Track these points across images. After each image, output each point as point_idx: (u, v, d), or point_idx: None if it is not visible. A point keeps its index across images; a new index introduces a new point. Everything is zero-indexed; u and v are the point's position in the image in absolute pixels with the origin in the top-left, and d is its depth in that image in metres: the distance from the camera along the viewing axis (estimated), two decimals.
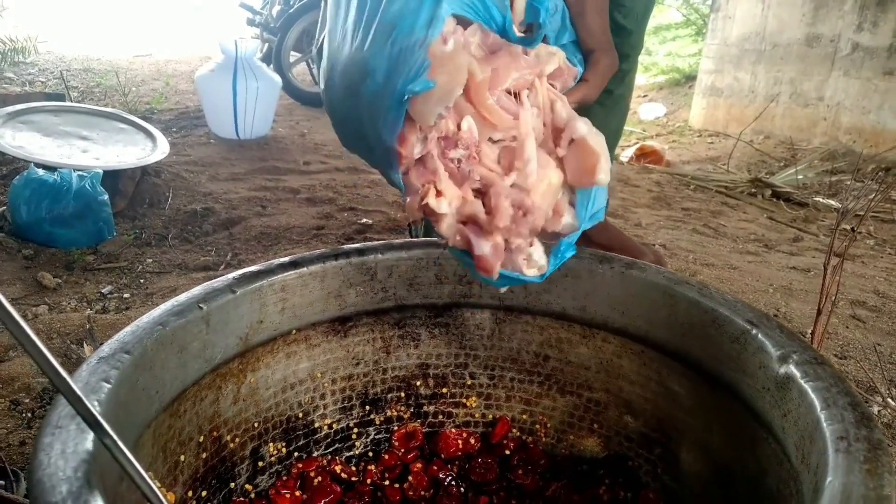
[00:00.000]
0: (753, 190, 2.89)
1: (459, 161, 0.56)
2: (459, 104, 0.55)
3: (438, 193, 0.56)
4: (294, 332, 0.72)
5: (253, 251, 1.72)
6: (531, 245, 0.60)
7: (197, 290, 0.63)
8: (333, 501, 0.71)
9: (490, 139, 0.58)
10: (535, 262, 0.60)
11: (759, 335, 0.58)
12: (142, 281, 1.52)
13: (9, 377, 1.08)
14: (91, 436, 0.44)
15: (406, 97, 0.52)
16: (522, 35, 0.56)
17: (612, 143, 1.51)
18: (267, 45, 3.94)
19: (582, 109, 1.46)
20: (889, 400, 1.13)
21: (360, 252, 0.74)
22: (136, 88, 3.88)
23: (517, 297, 0.78)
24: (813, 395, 0.49)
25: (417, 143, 0.55)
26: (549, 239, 0.61)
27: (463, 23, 0.55)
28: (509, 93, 0.57)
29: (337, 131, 0.65)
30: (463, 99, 0.55)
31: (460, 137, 0.55)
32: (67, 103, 2.40)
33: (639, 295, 0.70)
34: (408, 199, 0.57)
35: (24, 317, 1.29)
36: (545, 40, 0.59)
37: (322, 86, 0.64)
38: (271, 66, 3.47)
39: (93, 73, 4.31)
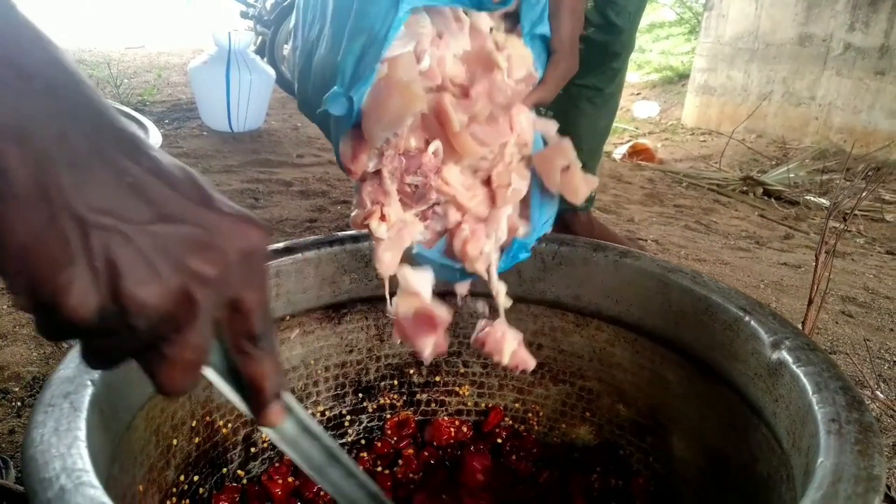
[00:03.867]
0: (745, 188, 2.90)
1: (416, 186, 0.56)
2: (431, 124, 0.54)
3: (383, 217, 0.55)
4: (288, 318, 0.71)
5: None
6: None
7: None
8: None
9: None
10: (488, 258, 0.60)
11: (752, 322, 0.58)
12: None
13: None
14: (84, 414, 0.44)
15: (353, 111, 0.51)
16: (497, 2, 0.55)
17: (601, 141, 1.52)
18: (260, 37, 3.92)
19: (571, 107, 1.46)
20: (878, 393, 1.14)
21: (355, 239, 0.74)
22: (128, 80, 3.85)
23: (511, 286, 0.77)
24: (805, 380, 0.50)
25: (373, 157, 0.55)
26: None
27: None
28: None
29: (305, 112, 0.65)
30: (435, 122, 0.54)
31: (423, 164, 0.54)
32: None
33: (633, 283, 0.71)
34: (353, 213, 0.57)
35: (13, 305, 1.28)
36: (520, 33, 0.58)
37: (296, 71, 0.63)
38: (265, 58, 3.45)
39: (84, 65, 4.27)
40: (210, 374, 0.36)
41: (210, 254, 0.30)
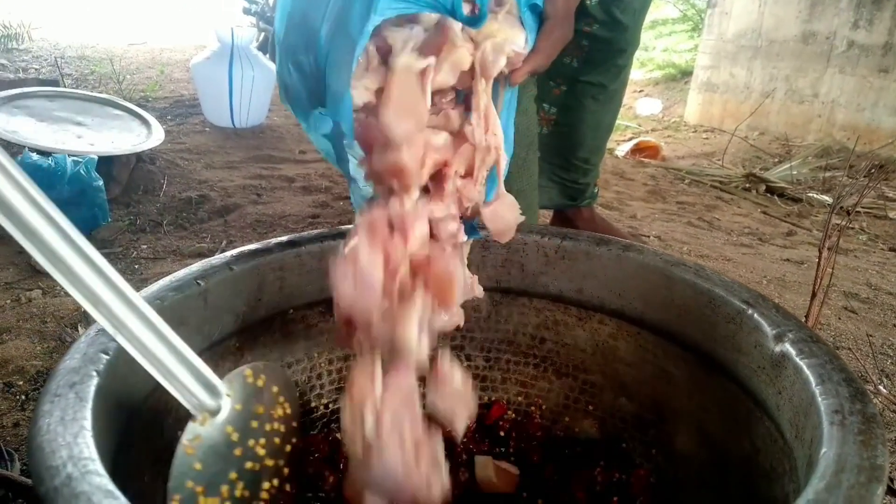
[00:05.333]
0: (748, 185, 2.89)
1: None
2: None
3: None
4: (291, 311, 0.72)
5: (248, 238, 1.72)
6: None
7: (195, 267, 0.63)
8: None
9: None
10: None
11: (755, 315, 0.58)
12: (136, 267, 1.52)
13: (3, 360, 1.07)
14: (90, 404, 0.44)
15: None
16: (469, 15, 0.54)
17: (604, 137, 1.52)
18: (263, 34, 3.92)
19: (575, 103, 1.45)
20: (881, 388, 1.14)
21: None
22: (131, 76, 3.86)
23: (514, 279, 0.78)
24: (808, 372, 0.50)
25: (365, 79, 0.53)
26: None
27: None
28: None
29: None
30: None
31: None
32: (62, 89, 2.39)
33: (635, 277, 0.71)
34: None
35: (17, 301, 1.28)
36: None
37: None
38: (267, 55, 3.45)
39: (87, 61, 4.28)
40: None
41: None
